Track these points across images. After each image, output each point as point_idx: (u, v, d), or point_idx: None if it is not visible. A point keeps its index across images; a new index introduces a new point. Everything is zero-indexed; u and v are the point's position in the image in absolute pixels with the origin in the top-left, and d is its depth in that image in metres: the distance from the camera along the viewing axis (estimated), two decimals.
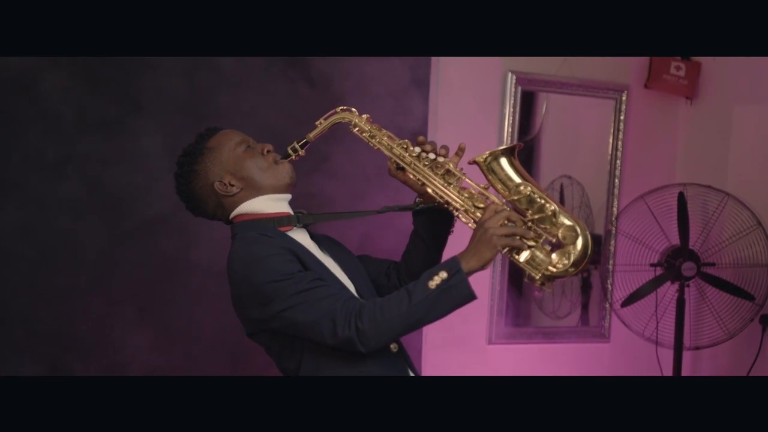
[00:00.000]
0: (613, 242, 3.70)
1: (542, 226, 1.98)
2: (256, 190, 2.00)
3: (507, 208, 1.97)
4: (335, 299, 1.84)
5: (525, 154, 3.60)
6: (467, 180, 2.04)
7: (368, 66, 3.27)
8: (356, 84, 3.28)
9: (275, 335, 1.92)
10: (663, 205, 3.55)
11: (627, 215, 3.60)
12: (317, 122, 2.05)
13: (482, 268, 1.88)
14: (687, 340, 3.55)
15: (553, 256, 1.95)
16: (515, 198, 2.02)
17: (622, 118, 3.73)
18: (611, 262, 3.70)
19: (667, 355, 3.57)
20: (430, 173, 2.04)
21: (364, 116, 2.07)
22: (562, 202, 3.75)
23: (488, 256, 1.88)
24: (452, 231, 2.17)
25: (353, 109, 2.09)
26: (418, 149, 2.04)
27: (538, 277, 1.93)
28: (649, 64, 3.74)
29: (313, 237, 2.10)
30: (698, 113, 3.89)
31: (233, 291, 1.92)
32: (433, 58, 3.39)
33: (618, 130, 3.74)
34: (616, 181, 3.76)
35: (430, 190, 2.04)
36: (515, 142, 2.05)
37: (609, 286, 3.68)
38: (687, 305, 3.52)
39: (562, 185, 3.74)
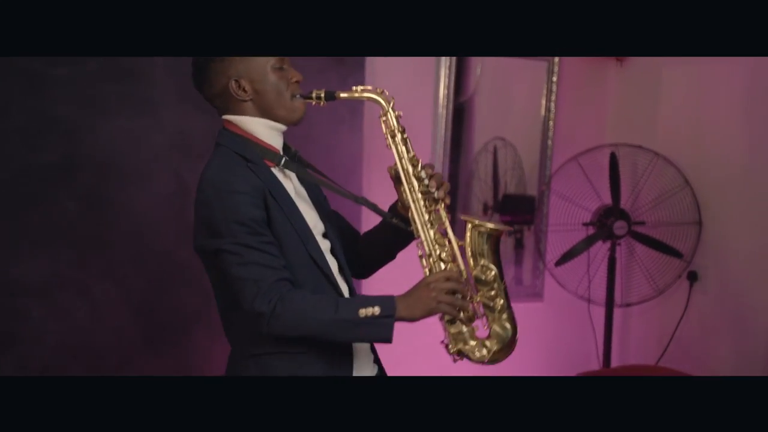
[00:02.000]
0: (546, 202, 3.77)
1: (484, 312, 2.04)
2: (262, 110, 1.99)
3: (461, 279, 2.00)
4: (271, 272, 1.85)
5: (458, 117, 3.66)
6: (448, 228, 2.06)
7: None
8: None
9: (212, 266, 1.94)
10: (595, 166, 3.62)
11: (560, 176, 3.66)
12: (355, 87, 2.03)
13: (411, 320, 1.92)
14: (618, 298, 3.67)
15: (473, 343, 2.01)
16: (476, 274, 2.06)
17: (554, 79, 3.77)
18: (544, 222, 3.77)
19: (599, 313, 3.69)
20: (421, 205, 2.05)
21: (397, 112, 2.06)
22: (495, 164, 3.79)
23: (420, 314, 1.92)
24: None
25: (392, 100, 2.07)
26: (424, 174, 2.05)
27: (453, 350, 2.00)
28: None
29: (300, 178, 2.12)
30: (628, 75, 3.95)
31: (195, 204, 1.92)
32: None
33: (551, 92, 3.78)
34: (549, 142, 3.81)
35: (411, 216, 2.06)
36: (507, 227, 2.19)
37: (543, 246, 3.75)
38: (618, 263, 3.63)
39: (495, 147, 3.77)
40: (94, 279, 2.82)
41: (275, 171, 2.00)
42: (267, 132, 1.99)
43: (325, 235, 2.10)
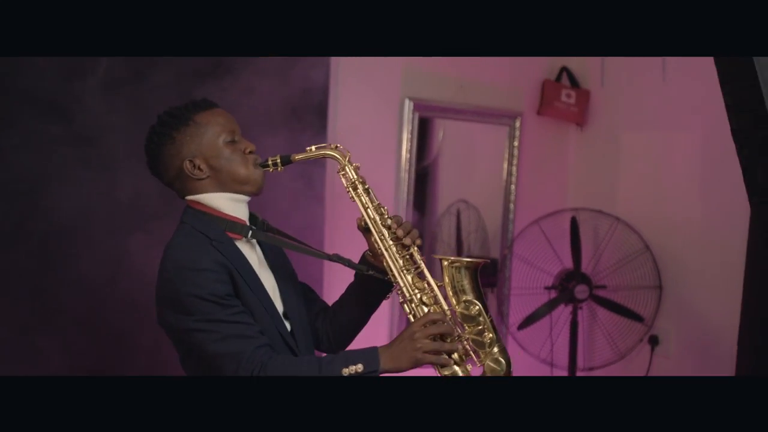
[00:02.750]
0: (508, 266, 3.78)
1: (474, 347, 2.01)
2: (222, 184, 1.98)
3: (445, 319, 1.98)
4: (249, 342, 1.83)
5: (422, 180, 3.69)
6: (425, 270, 2.05)
7: (264, 84, 3.28)
8: (256, 102, 3.28)
9: (181, 341, 1.93)
10: (557, 230, 3.66)
11: (522, 239, 3.69)
12: (309, 148, 2.04)
13: (398, 372, 1.90)
14: (580, 361, 3.67)
15: None
16: (461, 311, 2.05)
17: (516, 144, 3.82)
18: (507, 285, 3.78)
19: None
20: (394, 251, 2.05)
21: (355, 164, 2.08)
22: (459, 226, 3.82)
23: (406, 366, 1.90)
24: (388, 297, 2.21)
25: (348, 153, 2.09)
26: (391, 222, 2.05)
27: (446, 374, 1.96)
28: (541, 91, 3.86)
29: (261, 245, 2.10)
30: (588, 139, 4.03)
31: (158, 282, 1.90)
32: (332, 83, 3.41)
33: (512, 156, 3.83)
34: (511, 205, 3.84)
35: (385, 264, 2.06)
36: (483, 259, 2.18)
37: (505, 310, 3.76)
38: (580, 327, 3.65)
39: (458, 210, 3.81)
40: (43, 339, 2.79)
41: (240, 243, 2.00)
42: (231, 205, 1.99)
43: (284, 313, 2.08)
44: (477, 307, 2.05)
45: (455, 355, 1.97)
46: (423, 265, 2.05)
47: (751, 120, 2.03)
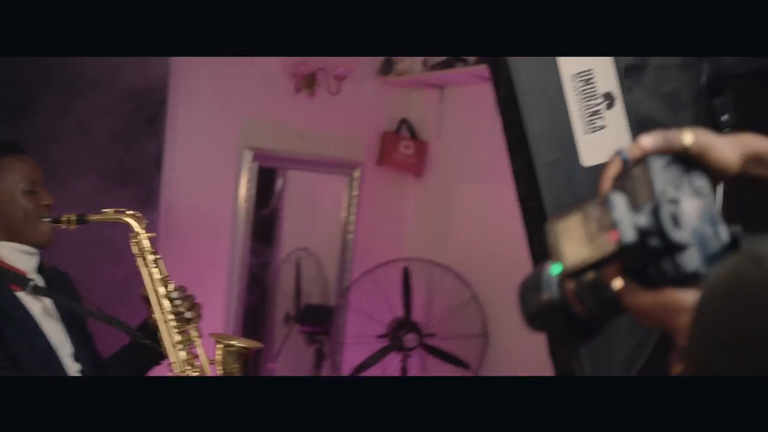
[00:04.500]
0: (343, 314, 3.87)
1: None
2: (9, 233, 1.98)
3: None
4: None
5: (265, 227, 3.77)
6: (199, 348, 2.12)
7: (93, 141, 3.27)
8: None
9: None
10: (390, 278, 3.78)
11: (356, 288, 3.79)
12: (106, 210, 2.07)
13: None
14: None
15: None
16: None
17: (354, 193, 3.92)
18: (341, 334, 3.86)
19: None
20: (172, 326, 2.11)
21: (148, 235, 2.12)
22: (298, 275, 3.92)
23: None
24: (160, 364, 2.25)
25: (144, 222, 2.13)
26: (176, 294, 2.11)
27: None
28: (381, 142, 3.97)
29: (49, 291, 2.11)
30: (425, 189, 4.15)
31: None
32: (169, 133, 3.41)
33: (351, 205, 3.93)
34: (348, 254, 3.94)
35: (160, 337, 2.10)
36: (256, 346, 2.32)
37: (338, 358, 3.85)
38: (410, 374, 3.72)
39: (299, 258, 3.91)
40: None
41: (22, 293, 1.99)
42: (14, 255, 1.99)
43: (76, 358, 2.09)
44: None
45: None
46: (198, 342, 2.12)
47: (525, 188, 2.12)
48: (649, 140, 1.15)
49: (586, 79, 1.98)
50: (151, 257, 2.13)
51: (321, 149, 3.88)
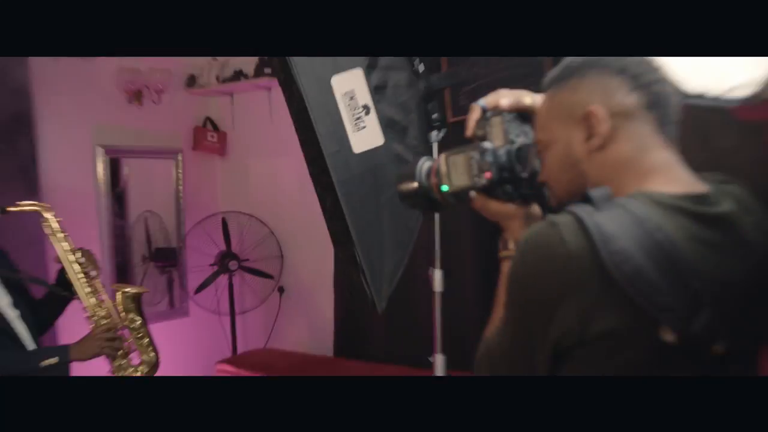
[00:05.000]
0: (184, 252, 4.17)
1: (136, 347, 2.25)
2: None
3: (117, 328, 2.16)
4: None
5: (120, 199, 3.93)
6: (104, 294, 2.22)
7: None
8: None
9: None
10: (214, 226, 4.13)
11: (191, 235, 4.13)
12: (21, 203, 2.11)
13: (83, 360, 2.06)
14: (238, 308, 4.18)
15: (131, 369, 2.18)
16: (126, 324, 2.26)
17: (180, 170, 4.22)
18: (184, 265, 4.18)
19: (227, 320, 4.16)
20: (83, 282, 2.18)
21: (58, 219, 2.21)
22: (147, 230, 4.12)
23: (89, 357, 2.07)
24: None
25: (52, 210, 2.20)
26: (82, 259, 2.17)
27: (115, 365, 2.17)
28: (194, 134, 4.27)
29: None
30: (229, 164, 4.46)
31: None
32: (39, 133, 3.35)
33: (179, 179, 4.22)
34: (181, 212, 4.23)
35: (75, 290, 2.17)
36: (144, 290, 2.36)
37: (185, 282, 4.20)
38: (235, 287, 4.16)
39: (146, 218, 4.12)
40: None
41: None
42: None
43: (15, 305, 2.14)
44: (138, 321, 2.28)
45: (121, 351, 2.18)
46: (103, 290, 2.23)
47: (317, 168, 2.18)
48: (505, 99, 1.21)
49: (351, 96, 2.06)
50: (60, 234, 2.20)
51: (152, 142, 4.07)
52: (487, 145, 1.14)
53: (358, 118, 2.07)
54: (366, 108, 2.07)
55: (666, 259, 0.95)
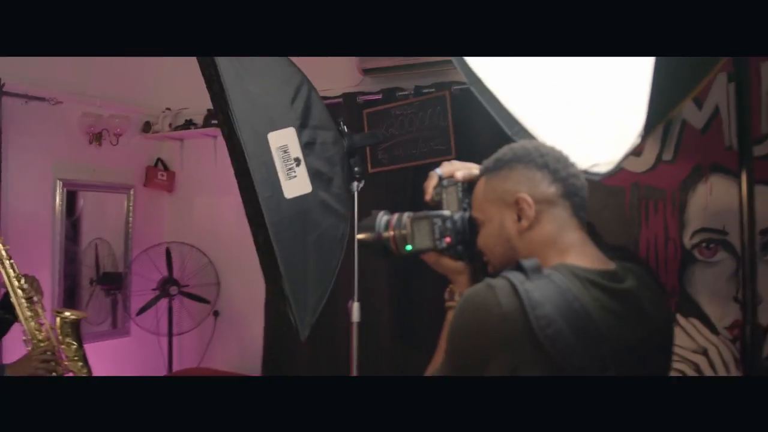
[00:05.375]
0: (129, 277, 4.09)
1: (70, 368, 2.21)
2: None
3: (53, 351, 2.12)
4: None
5: (74, 227, 3.87)
6: (43, 319, 2.21)
7: None
8: None
9: None
10: (158, 254, 4.12)
11: (137, 261, 4.09)
12: None
13: (19, 375, 2.03)
14: (175, 330, 4.14)
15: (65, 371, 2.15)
16: (64, 347, 2.19)
17: (131, 204, 4.20)
18: (129, 288, 4.08)
19: (164, 341, 4.07)
20: (24, 306, 2.15)
21: (6, 246, 2.19)
22: (97, 254, 4.10)
23: (24, 373, 2.04)
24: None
25: (1, 237, 2.21)
26: (26, 285, 2.14)
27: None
28: (146, 173, 4.24)
29: None
30: (176, 199, 4.42)
31: None
32: (3, 167, 3.33)
33: (129, 211, 4.20)
34: (129, 241, 4.18)
35: (17, 314, 2.14)
36: (83, 315, 2.32)
37: (128, 304, 4.10)
38: (174, 310, 4.08)
39: (96, 244, 4.07)
40: None
41: None
42: None
43: None
44: (74, 346, 2.23)
45: (55, 373, 2.12)
46: (43, 315, 2.20)
47: (252, 209, 2.10)
48: (460, 173, 1.25)
49: (284, 149, 2.08)
50: (7, 261, 2.18)
51: (108, 178, 4.07)
52: (446, 213, 1.20)
53: (290, 169, 2.10)
54: (297, 160, 2.11)
55: (581, 326, 1.00)
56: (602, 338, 1.02)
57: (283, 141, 2.10)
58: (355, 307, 2.44)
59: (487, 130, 3.10)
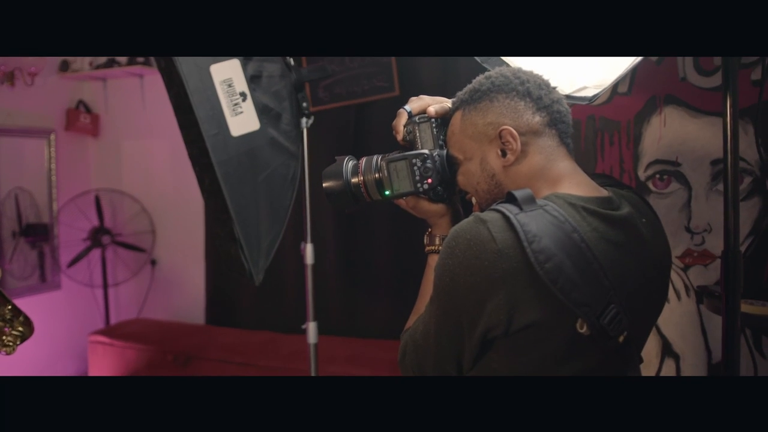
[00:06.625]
0: (57, 228, 3.97)
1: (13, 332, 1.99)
2: None
3: None
4: None
5: None
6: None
7: None
8: None
9: None
10: (87, 203, 4.02)
11: (64, 211, 3.98)
12: None
13: None
14: (110, 281, 4.04)
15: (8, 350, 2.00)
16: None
17: (53, 149, 4.00)
18: (57, 241, 3.98)
19: (99, 293, 4.04)
20: None
21: None
22: (18, 206, 3.83)
23: None
24: None
25: None
26: None
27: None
28: (66, 116, 4.05)
29: None
30: (101, 144, 4.29)
31: None
32: None
33: (51, 158, 3.99)
34: (54, 189, 4.00)
35: None
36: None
37: (57, 255, 4.01)
38: (108, 261, 4.01)
39: (17, 194, 3.84)
40: None
41: None
42: None
43: None
44: (9, 307, 2.11)
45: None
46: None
47: (195, 150, 2.13)
48: (433, 107, 1.18)
49: (229, 83, 2.00)
50: None
51: (24, 122, 3.84)
52: (425, 152, 1.14)
53: (236, 104, 2.01)
54: (243, 95, 2.02)
55: (582, 259, 0.95)
56: (604, 270, 0.97)
57: (228, 74, 2.00)
58: (309, 249, 2.36)
59: (432, 65, 3.06)
